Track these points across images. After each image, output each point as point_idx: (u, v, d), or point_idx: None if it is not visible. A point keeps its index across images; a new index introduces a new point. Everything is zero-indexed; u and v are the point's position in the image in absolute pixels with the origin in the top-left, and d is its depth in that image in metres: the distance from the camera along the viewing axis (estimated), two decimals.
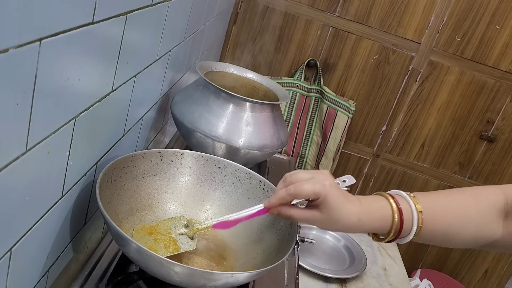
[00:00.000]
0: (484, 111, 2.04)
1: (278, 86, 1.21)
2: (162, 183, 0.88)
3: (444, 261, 2.30)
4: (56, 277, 0.71)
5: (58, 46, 0.50)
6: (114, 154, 0.81)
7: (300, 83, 2.03)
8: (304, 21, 1.98)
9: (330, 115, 2.02)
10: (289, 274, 0.95)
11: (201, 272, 0.66)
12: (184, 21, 1.07)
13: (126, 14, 0.67)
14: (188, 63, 1.27)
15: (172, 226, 0.79)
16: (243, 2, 1.98)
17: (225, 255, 0.84)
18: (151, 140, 1.11)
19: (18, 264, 0.56)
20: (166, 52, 0.98)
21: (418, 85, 2.03)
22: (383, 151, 2.14)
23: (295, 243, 0.75)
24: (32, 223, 0.57)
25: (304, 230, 1.48)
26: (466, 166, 2.14)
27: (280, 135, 1.11)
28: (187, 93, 1.10)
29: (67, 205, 0.67)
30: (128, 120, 0.85)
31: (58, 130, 0.56)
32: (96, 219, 0.83)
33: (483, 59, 1.96)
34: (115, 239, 0.70)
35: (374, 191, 2.22)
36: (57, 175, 0.61)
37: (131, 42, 0.73)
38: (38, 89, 0.48)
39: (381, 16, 1.94)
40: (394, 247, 1.58)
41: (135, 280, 0.77)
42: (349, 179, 0.88)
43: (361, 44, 1.99)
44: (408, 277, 1.48)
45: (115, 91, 0.72)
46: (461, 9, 1.91)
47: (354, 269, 1.36)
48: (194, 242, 0.78)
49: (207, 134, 1.03)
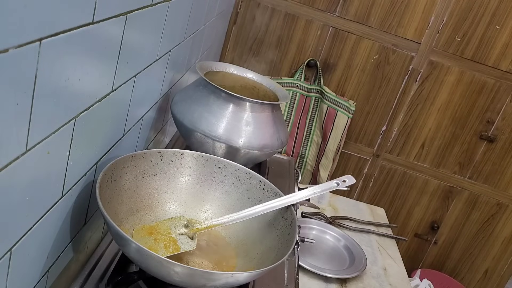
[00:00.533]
0: (484, 111, 2.04)
1: (278, 86, 1.21)
2: (162, 183, 0.88)
3: (444, 261, 2.30)
4: (56, 277, 0.71)
5: (58, 46, 0.50)
6: (114, 154, 0.81)
7: (300, 83, 2.03)
8: (304, 21, 1.98)
9: (330, 115, 2.02)
10: (289, 274, 0.95)
11: (201, 272, 0.66)
12: (184, 21, 1.07)
13: (126, 14, 0.67)
14: (188, 63, 1.27)
15: (172, 226, 0.79)
16: (243, 2, 1.98)
17: (225, 255, 0.84)
18: (151, 140, 1.11)
19: (18, 264, 0.56)
20: (166, 52, 0.98)
21: (418, 85, 2.03)
22: (383, 151, 2.14)
23: (295, 243, 0.75)
24: (32, 223, 0.57)
25: (304, 230, 1.49)
26: (466, 166, 2.14)
27: (280, 135, 1.11)
28: (187, 93, 1.10)
29: (67, 205, 0.67)
30: (128, 120, 0.85)
31: (58, 130, 0.56)
32: (96, 219, 0.83)
33: (483, 59, 1.96)
34: (115, 239, 0.70)
35: (374, 191, 2.22)
36: (57, 175, 0.61)
37: (131, 42, 0.73)
38: (38, 89, 0.48)
39: (381, 16, 1.94)
40: (394, 247, 1.58)
41: (135, 280, 0.77)
42: (349, 179, 0.88)
43: (361, 44, 1.99)
44: (408, 277, 1.48)
45: (115, 91, 0.72)
46: (461, 9, 1.91)
47: (354, 269, 1.36)
48: (194, 242, 0.78)
49: (207, 134, 1.03)
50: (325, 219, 1.57)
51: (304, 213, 1.55)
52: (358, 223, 1.65)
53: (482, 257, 2.26)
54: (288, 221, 0.81)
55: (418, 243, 2.29)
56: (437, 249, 2.29)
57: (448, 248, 2.28)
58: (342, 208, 1.73)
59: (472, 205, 2.20)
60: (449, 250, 2.28)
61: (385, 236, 1.63)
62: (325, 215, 1.59)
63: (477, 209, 2.20)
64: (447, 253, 2.28)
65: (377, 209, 1.83)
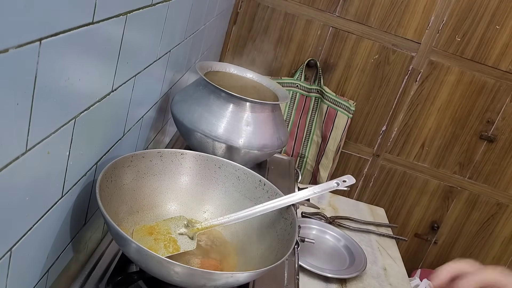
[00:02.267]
0: (484, 111, 2.04)
1: (278, 86, 1.21)
2: (162, 183, 0.88)
3: (444, 261, 2.28)
4: (56, 277, 0.71)
5: (58, 46, 0.50)
6: (114, 154, 0.81)
7: (300, 83, 2.03)
8: (304, 21, 1.98)
9: (330, 115, 2.02)
10: (289, 274, 0.95)
11: (201, 272, 0.66)
12: (184, 21, 1.07)
13: (126, 14, 0.67)
14: (188, 63, 1.27)
15: (172, 226, 0.79)
16: (243, 2, 1.98)
17: (225, 255, 0.84)
18: (151, 140, 1.11)
19: (18, 264, 0.56)
20: (166, 52, 0.98)
21: (418, 85, 2.03)
22: (383, 151, 2.14)
23: (295, 243, 0.75)
24: (32, 223, 0.57)
25: (304, 230, 1.49)
26: (466, 166, 2.14)
27: (280, 135, 1.11)
28: (187, 93, 1.10)
29: (67, 205, 0.67)
30: (128, 120, 0.85)
31: (58, 130, 0.56)
32: (96, 219, 0.83)
33: (483, 59, 1.96)
34: (115, 239, 0.70)
35: (374, 191, 2.22)
36: (57, 175, 0.61)
37: (131, 42, 0.73)
38: (38, 89, 0.48)
39: (381, 16, 1.94)
40: (394, 247, 1.58)
41: (135, 280, 0.77)
42: (349, 179, 0.88)
43: (361, 44, 1.99)
44: (408, 277, 1.48)
45: (115, 91, 0.72)
46: (461, 9, 1.91)
47: (354, 269, 1.36)
48: (194, 242, 0.78)
49: (207, 134, 1.03)
50: (325, 219, 1.57)
51: (304, 213, 1.55)
52: (358, 223, 1.65)
53: (482, 257, 2.26)
54: (288, 221, 0.81)
55: (418, 243, 2.29)
56: (437, 249, 2.29)
57: (448, 248, 2.28)
58: (342, 208, 1.73)
59: (472, 205, 2.20)
60: (449, 250, 2.28)
61: (385, 236, 1.63)
62: (325, 215, 1.59)
63: (477, 209, 2.20)
64: (447, 253, 2.28)
65: (377, 209, 1.83)
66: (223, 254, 0.84)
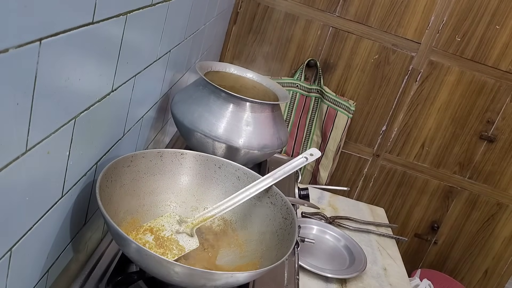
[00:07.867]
0: (484, 111, 2.04)
1: (278, 86, 1.21)
2: (162, 183, 0.88)
3: (444, 261, 2.30)
4: (56, 277, 0.71)
5: (58, 46, 0.50)
6: (114, 154, 0.81)
7: (300, 83, 2.03)
8: (304, 21, 1.98)
9: (330, 115, 2.02)
10: (289, 274, 0.95)
11: (201, 272, 0.66)
12: (184, 21, 1.07)
13: (126, 14, 0.67)
14: (188, 63, 1.27)
15: (166, 224, 0.79)
16: (243, 2, 1.98)
17: (225, 255, 0.84)
18: (151, 140, 1.11)
19: (18, 264, 0.56)
20: (166, 52, 0.98)
21: (418, 85, 2.03)
22: (383, 151, 2.14)
23: (295, 243, 0.75)
24: (32, 223, 0.57)
25: (304, 230, 1.49)
26: (466, 166, 2.14)
27: (280, 135, 1.11)
28: (187, 93, 1.10)
29: (67, 205, 0.67)
30: (128, 120, 0.85)
31: (58, 130, 0.56)
32: (96, 219, 0.83)
33: (483, 59, 1.96)
34: (115, 239, 0.70)
35: (374, 191, 2.22)
36: (57, 175, 0.61)
37: (131, 42, 0.73)
38: (38, 89, 0.48)
39: (381, 16, 1.94)
40: (394, 247, 1.58)
41: (135, 280, 0.77)
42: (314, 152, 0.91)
43: (361, 44, 1.99)
44: (408, 277, 1.48)
45: (115, 91, 0.72)
46: (461, 9, 1.91)
47: (354, 269, 1.36)
48: (196, 239, 0.78)
49: (207, 134, 1.03)
50: (325, 219, 1.57)
51: (304, 213, 1.55)
52: (358, 223, 1.65)
53: (482, 257, 2.26)
54: (288, 221, 0.81)
55: (418, 243, 2.29)
56: (437, 249, 2.29)
57: (448, 248, 2.28)
58: (342, 208, 1.73)
59: (472, 205, 2.20)
60: (449, 250, 2.28)
61: (385, 236, 1.63)
62: (325, 215, 1.58)
63: (477, 209, 2.20)
64: (447, 253, 2.28)
65: (377, 209, 1.83)
66: (223, 254, 0.84)
